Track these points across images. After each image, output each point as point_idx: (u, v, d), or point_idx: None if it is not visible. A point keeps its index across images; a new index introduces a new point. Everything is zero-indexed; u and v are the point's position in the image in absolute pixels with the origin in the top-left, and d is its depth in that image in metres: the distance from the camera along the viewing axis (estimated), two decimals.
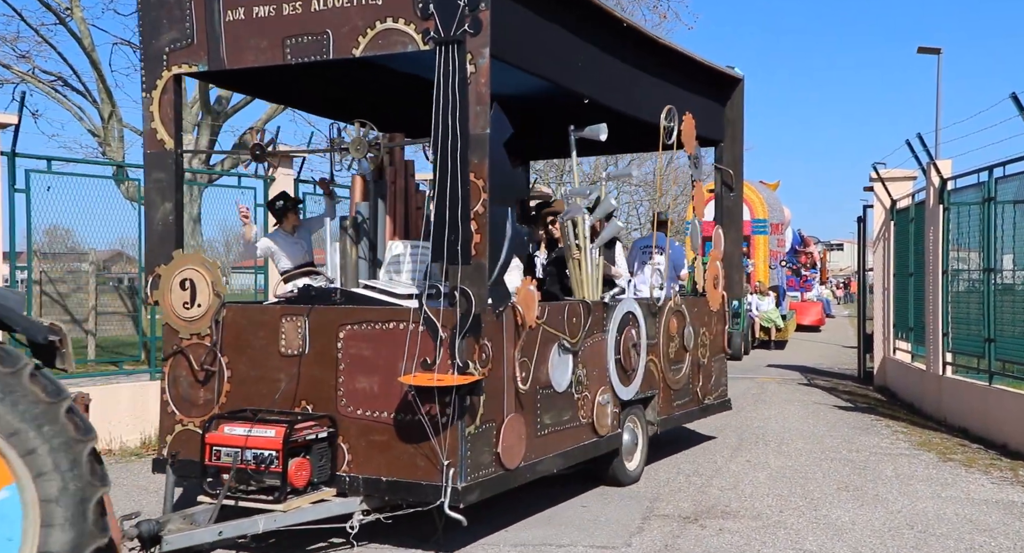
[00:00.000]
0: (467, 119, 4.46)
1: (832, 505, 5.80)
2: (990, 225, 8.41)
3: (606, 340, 5.94)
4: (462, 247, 4.42)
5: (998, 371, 8.33)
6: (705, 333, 7.40)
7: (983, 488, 6.30)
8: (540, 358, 5.18)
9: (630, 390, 6.19)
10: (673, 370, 6.85)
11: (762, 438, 8.22)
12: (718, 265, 7.53)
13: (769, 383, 12.82)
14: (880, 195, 12.38)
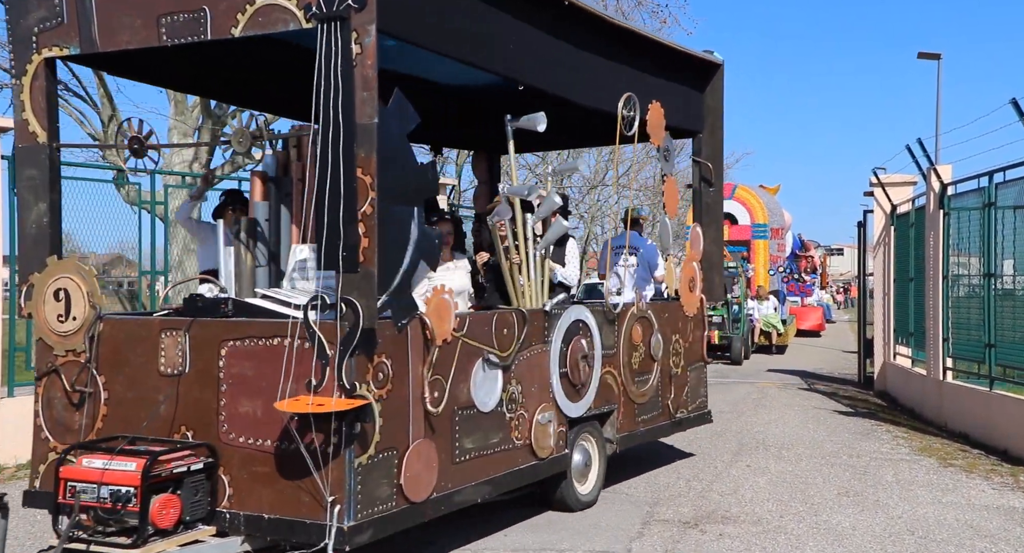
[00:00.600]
0: (352, 107, 3.90)
1: (832, 510, 5.79)
2: (990, 230, 8.40)
3: (548, 352, 5.33)
4: (347, 253, 3.89)
5: (999, 376, 8.32)
6: (679, 341, 6.81)
7: (984, 494, 6.29)
8: (459, 375, 4.59)
9: (580, 406, 5.60)
10: (637, 382, 6.25)
11: (762, 443, 8.20)
12: (694, 266, 6.91)
13: (769, 388, 12.80)
14: (880, 200, 12.39)
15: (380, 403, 4.08)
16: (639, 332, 6.26)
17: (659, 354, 6.50)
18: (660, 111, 6.26)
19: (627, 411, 6.16)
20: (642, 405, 6.33)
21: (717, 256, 7.34)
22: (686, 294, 6.85)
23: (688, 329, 6.98)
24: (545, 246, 5.62)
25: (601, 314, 5.89)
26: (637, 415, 6.28)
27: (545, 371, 5.33)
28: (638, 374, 6.28)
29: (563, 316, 5.49)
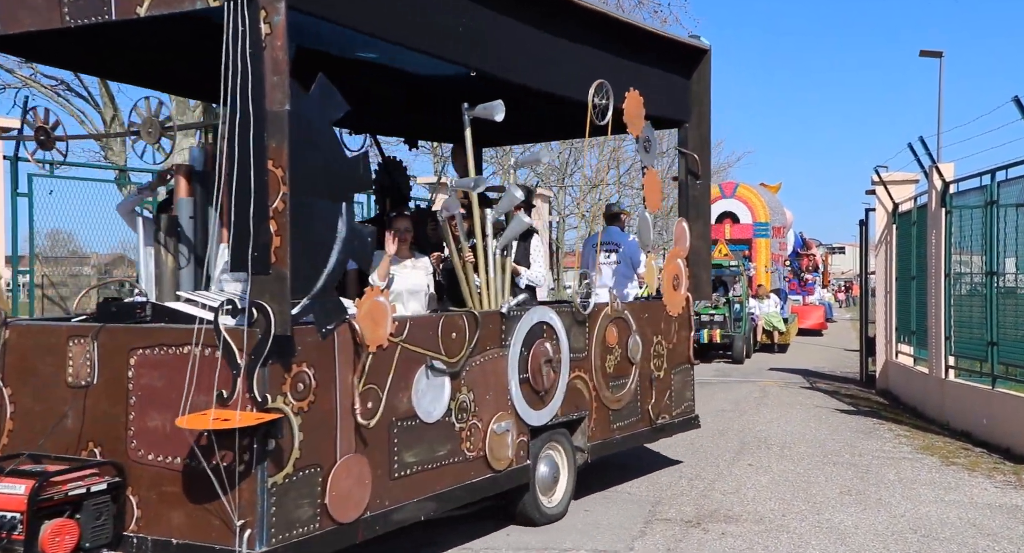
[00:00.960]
0: (262, 92, 3.55)
1: (835, 509, 5.79)
2: (992, 228, 8.39)
3: (506, 357, 4.97)
4: (258, 253, 3.55)
5: (1001, 375, 8.31)
6: (661, 342, 6.43)
7: (986, 492, 6.28)
8: (398, 384, 4.25)
9: (544, 414, 5.24)
10: (612, 387, 5.90)
11: (764, 442, 8.20)
12: (679, 264, 6.51)
13: (771, 387, 12.80)
14: (882, 198, 12.37)
15: (300, 416, 3.73)
16: (614, 334, 5.90)
17: (638, 357, 6.13)
18: (638, 99, 5.91)
19: (600, 418, 5.80)
20: (618, 411, 5.97)
21: (705, 253, 6.93)
22: (669, 293, 6.46)
23: (672, 330, 6.59)
24: (505, 244, 5.23)
25: (569, 316, 5.52)
26: (612, 422, 5.92)
27: (502, 377, 4.96)
28: (613, 378, 5.92)
29: (523, 318, 5.11)
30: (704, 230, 6.91)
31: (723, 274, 18.27)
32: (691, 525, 5.41)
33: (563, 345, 5.44)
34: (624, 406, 6.04)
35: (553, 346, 5.35)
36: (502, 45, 4.98)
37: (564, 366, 5.44)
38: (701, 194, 6.88)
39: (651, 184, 6.37)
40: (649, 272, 6.54)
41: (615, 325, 5.93)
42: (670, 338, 6.57)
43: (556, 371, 5.36)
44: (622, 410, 6.03)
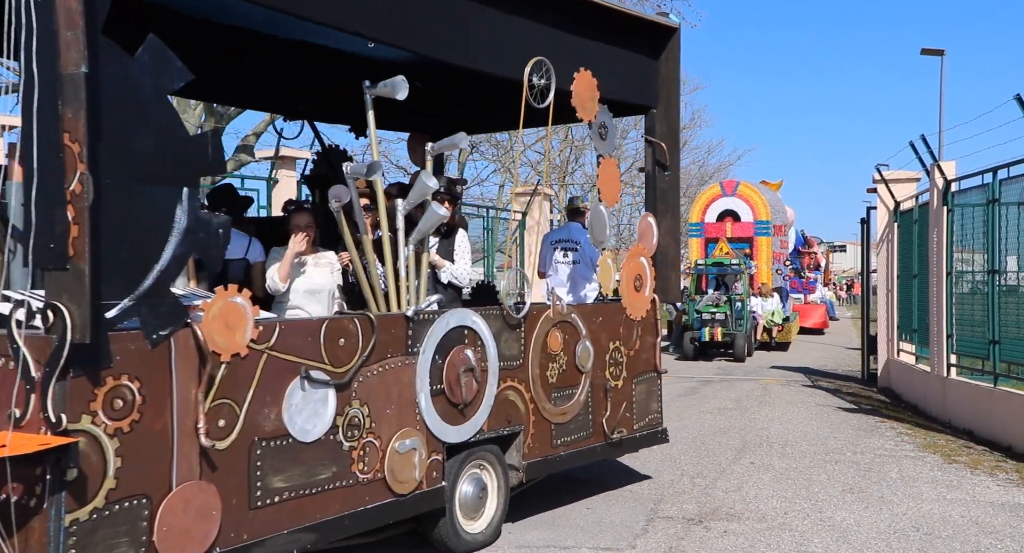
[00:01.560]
0: (54, 51, 2.95)
1: (837, 507, 5.79)
2: (994, 227, 8.39)
3: (413, 366, 4.39)
4: (54, 245, 2.96)
5: (1003, 373, 8.31)
6: (619, 349, 5.82)
7: (988, 490, 6.28)
8: (263, 398, 3.66)
9: (465, 429, 4.68)
10: (556, 398, 5.32)
11: (766, 440, 8.20)
12: (643, 262, 5.94)
13: (772, 385, 12.80)
14: (884, 196, 12.37)
15: (117, 439, 3.14)
16: (558, 340, 5.33)
17: (588, 365, 5.54)
18: (591, 81, 5.34)
19: (540, 433, 5.22)
20: (563, 425, 5.39)
21: (674, 251, 6.35)
22: (631, 294, 5.84)
23: (634, 335, 5.96)
24: (419, 239, 4.69)
25: (500, 319, 4.94)
26: (555, 437, 5.34)
27: (408, 389, 4.37)
28: (557, 389, 5.34)
29: (438, 322, 4.52)
30: (673, 226, 6.34)
31: (724, 272, 18.29)
32: (693, 523, 5.41)
33: (490, 352, 4.82)
34: (571, 419, 5.44)
35: (477, 353, 4.72)
36: (410, 12, 4.41)
37: (492, 376, 4.84)
38: (670, 186, 6.32)
39: (607, 175, 5.73)
40: (604, 272, 5.76)
41: (560, 330, 5.34)
42: (631, 344, 5.94)
43: (480, 381, 4.75)
44: (568, 424, 5.43)
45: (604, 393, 5.72)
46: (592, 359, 5.59)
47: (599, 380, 5.69)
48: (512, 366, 5.04)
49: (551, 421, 5.32)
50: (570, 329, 5.46)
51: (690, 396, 11.59)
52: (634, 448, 6.15)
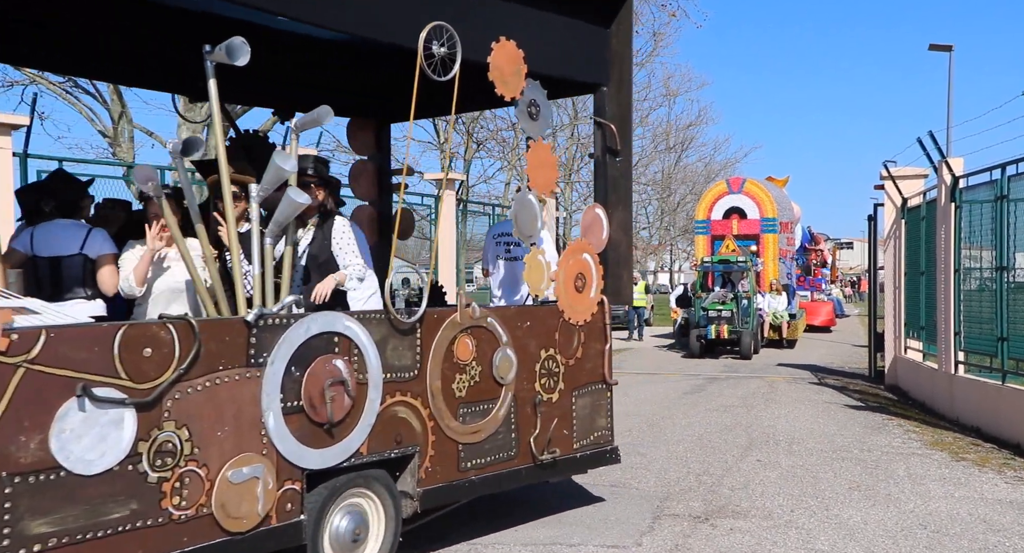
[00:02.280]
0: None
1: (844, 505, 5.77)
2: (1003, 223, 8.35)
3: (258, 380, 3.73)
4: None
5: (1011, 370, 8.27)
6: (554, 358, 5.13)
7: (996, 488, 6.26)
8: (19, 423, 3.07)
9: (333, 453, 4.01)
10: (465, 415, 4.63)
11: (772, 437, 8.19)
12: (587, 260, 5.25)
13: (779, 382, 12.78)
14: (891, 193, 12.32)
15: None
16: (468, 347, 4.65)
17: (509, 376, 4.85)
18: (513, 52, 4.68)
19: (442, 454, 4.53)
20: (474, 445, 4.70)
21: (626, 247, 5.67)
22: (570, 296, 5.16)
23: (575, 342, 5.26)
24: (276, 231, 4.11)
25: (384, 324, 4.26)
26: (464, 459, 4.64)
27: (249, 407, 3.71)
28: (467, 403, 4.65)
29: (294, 328, 3.87)
30: (625, 218, 5.62)
31: (731, 270, 18.27)
32: (699, 521, 5.40)
33: (371, 362, 4.18)
34: (486, 439, 4.75)
35: (351, 364, 4.08)
36: None
37: (374, 390, 4.19)
38: (622, 174, 5.59)
39: (538, 160, 5.04)
40: (532, 270, 5.02)
41: (471, 336, 4.66)
42: (570, 352, 5.23)
43: (353, 396, 4.09)
44: (482, 444, 4.74)
45: (532, 408, 4.99)
46: (515, 369, 4.87)
47: (526, 393, 4.96)
48: (403, 378, 4.34)
49: (458, 441, 4.60)
50: (486, 335, 4.74)
51: (696, 394, 11.57)
52: (574, 470, 5.40)
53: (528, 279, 5.04)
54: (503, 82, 4.68)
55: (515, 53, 4.71)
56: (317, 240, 4.62)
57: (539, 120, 5.02)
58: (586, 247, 5.30)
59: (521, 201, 5.10)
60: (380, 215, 6.48)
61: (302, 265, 4.62)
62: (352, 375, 4.08)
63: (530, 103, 4.95)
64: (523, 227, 5.07)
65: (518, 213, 5.08)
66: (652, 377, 13.72)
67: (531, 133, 5.06)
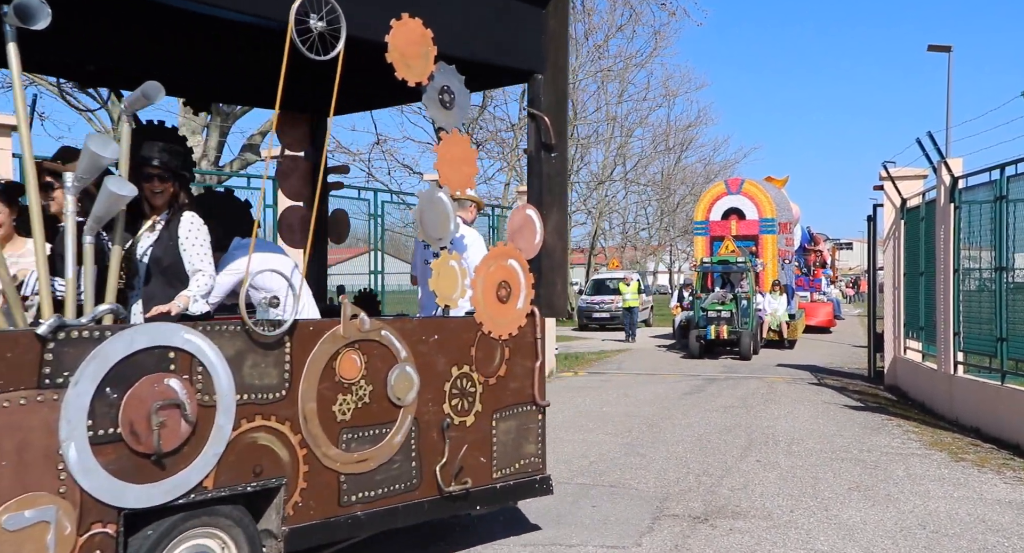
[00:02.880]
0: None
1: (843, 505, 5.77)
2: (1002, 223, 8.36)
3: (56, 404, 3.15)
4: None
5: (1010, 370, 8.28)
6: (470, 376, 4.51)
7: (996, 488, 6.26)
8: None
9: (163, 489, 3.43)
10: (350, 441, 4.03)
11: (772, 438, 8.19)
12: (513, 267, 4.67)
13: (779, 383, 12.78)
14: (890, 194, 12.33)
15: None
16: (355, 364, 4.06)
17: (409, 397, 4.25)
18: (419, 32, 4.12)
19: (318, 487, 3.92)
20: (361, 476, 4.08)
21: (561, 253, 5.08)
22: (491, 307, 4.59)
23: (496, 358, 4.63)
24: (95, 228, 3.54)
25: (242, 338, 3.67)
26: (348, 492, 4.03)
27: (40, 436, 3.13)
28: (352, 428, 4.04)
29: (109, 342, 3.29)
30: (561, 222, 5.05)
31: (730, 270, 18.27)
32: (699, 521, 5.40)
33: (221, 382, 3.59)
34: (377, 468, 4.13)
35: (191, 384, 3.50)
36: None
37: (224, 414, 3.60)
38: (557, 172, 5.00)
39: (451, 153, 4.43)
40: (442, 277, 4.42)
41: (360, 352, 4.07)
42: (491, 369, 4.61)
43: (198, 422, 3.52)
44: (372, 474, 4.12)
45: (440, 433, 4.38)
46: (417, 389, 4.28)
47: (431, 416, 4.36)
48: (267, 400, 3.75)
49: (339, 471, 4.00)
50: (379, 350, 4.15)
51: (696, 394, 11.58)
52: (494, 502, 4.71)
53: (436, 287, 4.40)
54: (405, 65, 4.11)
55: (421, 33, 4.14)
56: (163, 240, 4.00)
57: (454, 109, 4.43)
58: (512, 253, 4.70)
59: (428, 199, 4.39)
60: (317, 217, 5.83)
61: (144, 268, 4.02)
62: (192, 397, 3.49)
63: (442, 90, 4.37)
64: (429, 228, 4.40)
65: (423, 212, 4.37)
66: (651, 378, 13.72)
67: (443, 123, 4.44)
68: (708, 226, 22.15)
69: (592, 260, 37.16)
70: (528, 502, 5.67)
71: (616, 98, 32.05)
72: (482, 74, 4.69)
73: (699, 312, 17.20)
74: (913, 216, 11.72)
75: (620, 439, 8.17)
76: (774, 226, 21.71)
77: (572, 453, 7.48)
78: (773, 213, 21.75)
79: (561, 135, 4.98)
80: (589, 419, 9.41)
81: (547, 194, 4.98)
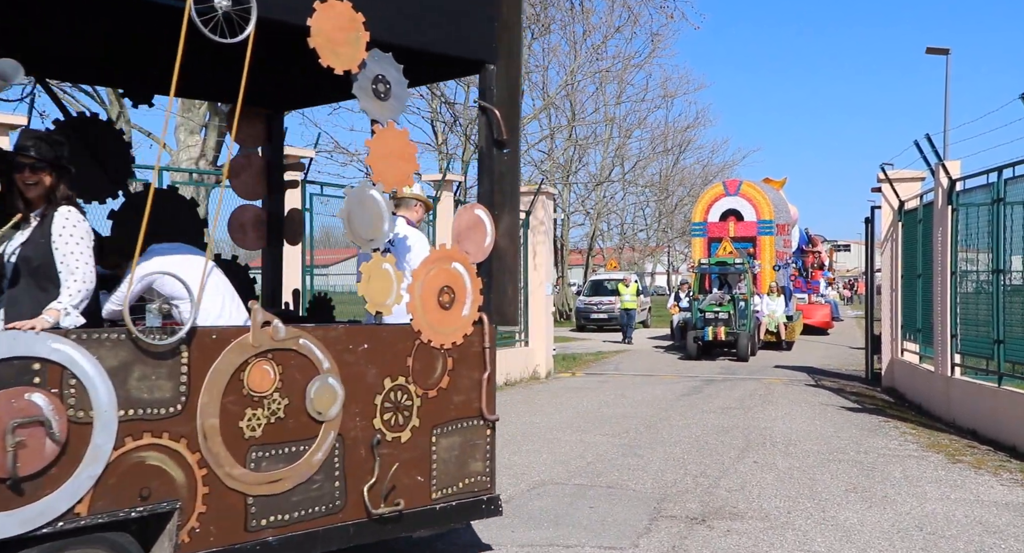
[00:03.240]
0: None
1: (840, 506, 5.78)
2: (999, 226, 8.37)
3: None
4: None
5: (1007, 372, 8.29)
6: (406, 388, 4.13)
7: (992, 490, 6.27)
8: None
9: (21, 516, 3.07)
10: (260, 460, 3.68)
11: (769, 439, 8.20)
12: (457, 270, 4.30)
13: (776, 384, 12.79)
14: (888, 196, 12.35)
15: None
16: (269, 375, 3.71)
17: (332, 411, 3.88)
18: (346, 15, 3.80)
19: (220, 510, 3.56)
20: (273, 498, 3.72)
21: (512, 257, 4.72)
22: (431, 313, 4.22)
23: (437, 369, 4.25)
24: None
25: (126, 346, 3.32)
26: (256, 515, 3.66)
27: None
28: (263, 446, 3.68)
29: None
30: (512, 224, 4.67)
31: (728, 272, 18.27)
32: (696, 522, 5.40)
33: (99, 396, 3.24)
34: (293, 489, 3.77)
35: (60, 398, 3.15)
36: None
37: (103, 431, 3.23)
38: (509, 169, 4.61)
39: (385, 148, 4.08)
40: (373, 281, 4.06)
41: (273, 362, 3.72)
42: (431, 381, 4.23)
43: (69, 440, 3.16)
44: (287, 495, 3.75)
45: (368, 450, 4.00)
46: (342, 403, 3.90)
47: (359, 432, 3.98)
48: (158, 415, 3.39)
49: (246, 492, 3.63)
50: (297, 360, 3.80)
51: (694, 395, 11.59)
52: (434, 525, 4.27)
53: (366, 292, 4.01)
54: (332, 52, 3.78)
55: (350, 16, 3.81)
56: (34, 238, 3.59)
57: (389, 100, 4.07)
58: (457, 256, 4.32)
59: (357, 196, 3.99)
60: (270, 216, 5.61)
61: (12, 269, 3.65)
62: (61, 413, 3.12)
63: (376, 79, 4.01)
64: (358, 228, 4.02)
65: (351, 211, 3.99)
66: (649, 379, 13.73)
67: (376, 116, 4.07)
68: (706, 227, 22.16)
69: (590, 261, 37.18)
70: (526, 503, 5.67)
71: (614, 99, 32.12)
72: (426, 64, 4.34)
73: (697, 313, 17.20)
74: (911, 218, 11.74)
75: (618, 440, 8.18)
76: (772, 228, 21.74)
77: (570, 454, 7.48)
78: (771, 215, 21.78)
79: (514, 130, 4.58)
80: (587, 420, 9.41)
81: (499, 193, 4.59)
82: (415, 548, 4.83)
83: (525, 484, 6.32)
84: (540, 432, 8.60)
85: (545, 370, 14.22)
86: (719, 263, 18.63)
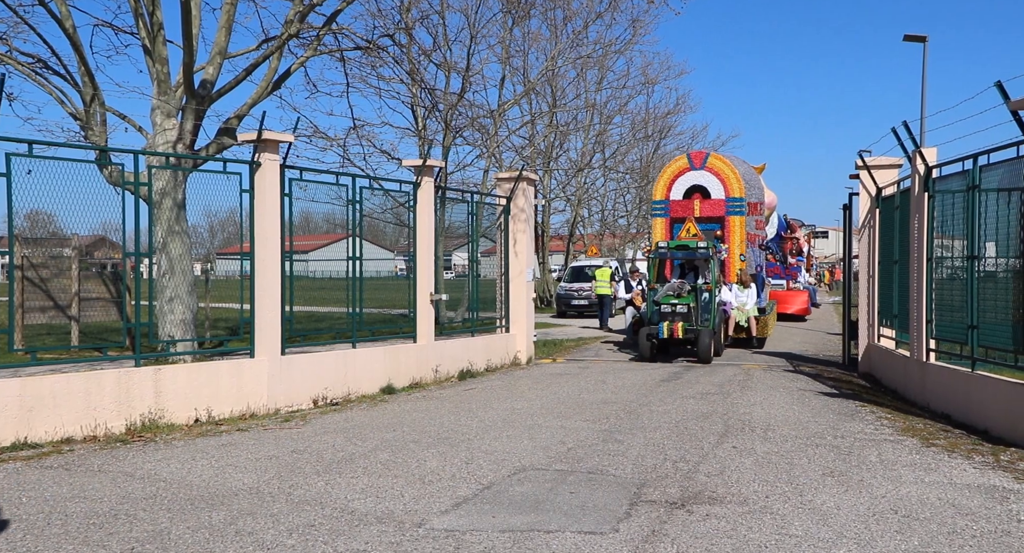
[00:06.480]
0: None
1: (817, 490, 5.85)
2: (974, 213, 8.46)
3: None
4: None
5: (981, 357, 8.41)
6: None
7: (965, 473, 6.37)
8: None
9: None
10: None
11: (748, 424, 8.27)
12: None
13: (755, 370, 12.90)
14: (866, 182, 12.44)
15: None
16: None
17: None
18: None
19: None
20: None
21: None
22: None
23: None
24: None
25: None
26: None
27: None
28: None
29: None
30: None
31: (691, 257, 15.26)
32: (676, 507, 5.44)
33: None
34: None
35: None
36: None
37: None
38: None
39: None
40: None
41: None
42: None
43: None
44: None
45: None
46: None
47: None
48: None
49: None
50: None
51: (673, 381, 11.66)
52: None
53: None
54: None
55: None
56: None
57: None
58: None
59: None
60: None
61: None
62: None
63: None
64: None
65: None
66: (629, 365, 13.78)
67: None
68: (668, 206, 18.27)
69: (571, 247, 37.19)
70: (507, 488, 5.69)
71: (595, 85, 32.03)
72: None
73: (651, 306, 14.34)
74: (888, 205, 11.84)
75: (598, 426, 8.21)
76: (743, 206, 17.97)
77: (550, 440, 7.51)
78: (741, 192, 17.95)
79: None
80: (567, 406, 9.44)
81: None
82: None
83: (506, 470, 6.33)
84: (521, 418, 8.62)
85: (526, 356, 14.23)
86: (679, 247, 15.29)
